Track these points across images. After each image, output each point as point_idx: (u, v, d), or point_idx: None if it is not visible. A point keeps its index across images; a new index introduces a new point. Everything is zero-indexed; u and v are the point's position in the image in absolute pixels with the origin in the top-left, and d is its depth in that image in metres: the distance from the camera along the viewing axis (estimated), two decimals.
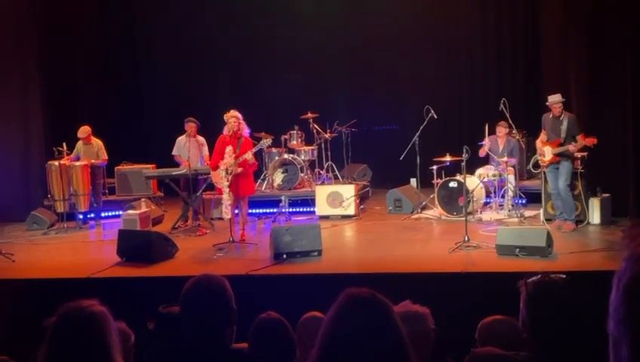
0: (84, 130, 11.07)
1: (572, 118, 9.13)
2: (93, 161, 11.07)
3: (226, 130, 9.02)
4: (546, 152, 9.21)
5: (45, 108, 12.22)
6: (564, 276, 2.62)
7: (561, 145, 9.02)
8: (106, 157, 11.33)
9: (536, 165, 9.61)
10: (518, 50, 13.43)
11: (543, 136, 9.36)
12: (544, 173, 9.44)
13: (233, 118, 8.94)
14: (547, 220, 9.44)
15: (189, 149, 10.55)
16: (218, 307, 2.85)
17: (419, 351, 2.80)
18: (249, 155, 8.84)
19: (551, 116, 9.23)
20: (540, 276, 2.58)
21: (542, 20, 12.37)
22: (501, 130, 10.80)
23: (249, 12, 14.06)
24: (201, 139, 10.89)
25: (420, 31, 13.84)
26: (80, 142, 11.11)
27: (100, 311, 2.43)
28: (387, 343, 2.06)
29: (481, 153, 10.88)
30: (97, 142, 11.27)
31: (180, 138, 10.93)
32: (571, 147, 8.95)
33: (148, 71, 14.67)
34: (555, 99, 9.12)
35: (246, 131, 9.15)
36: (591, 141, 8.84)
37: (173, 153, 10.95)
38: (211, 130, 10.35)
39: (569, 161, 9.14)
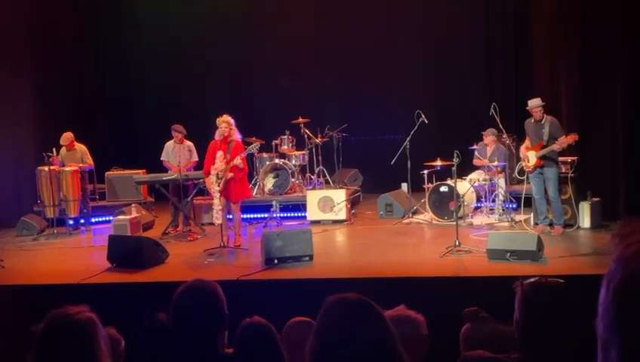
0: (66, 137, 11.03)
1: (554, 120, 9.17)
2: (80, 165, 11.04)
3: (217, 135, 9.01)
4: (530, 157, 9.25)
5: (36, 113, 12.18)
6: (561, 281, 2.63)
7: (544, 147, 9.05)
8: (91, 162, 11.29)
9: (522, 172, 9.66)
10: (508, 55, 13.47)
11: (527, 143, 9.41)
12: (530, 177, 9.47)
13: (224, 123, 8.93)
14: (537, 224, 9.46)
15: (178, 155, 10.51)
16: (210, 312, 2.85)
17: (410, 356, 2.80)
18: (237, 161, 8.82)
19: (533, 121, 9.27)
20: (537, 278, 2.59)
21: (532, 25, 12.42)
22: (487, 137, 10.81)
23: (240, 17, 14.05)
24: (189, 144, 10.86)
25: (411, 35, 13.86)
26: (63, 149, 11.07)
27: (88, 317, 2.41)
28: (378, 346, 2.06)
29: (476, 162, 10.91)
30: (81, 148, 11.23)
31: (168, 143, 10.90)
32: (555, 146, 8.98)
33: (138, 75, 14.61)
34: (535, 103, 9.16)
35: (237, 136, 9.13)
36: (572, 138, 8.88)
37: (161, 158, 10.92)
38: (202, 135, 10.33)
39: (554, 166, 9.17)
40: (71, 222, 10.92)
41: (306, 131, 12.40)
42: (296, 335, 3.49)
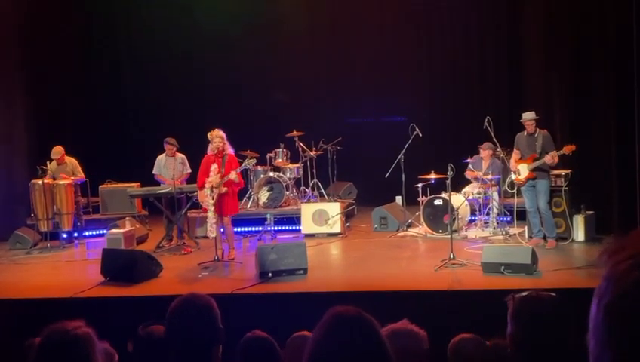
0: (57, 151, 11.00)
1: (546, 134, 9.21)
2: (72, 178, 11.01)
3: (210, 150, 9.03)
4: (521, 170, 9.26)
5: (30, 126, 12.16)
6: (553, 294, 2.63)
7: (537, 160, 9.08)
8: (83, 175, 11.25)
9: (512, 185, 9.68)
10: (502, 68, 13.53)
11: (515, 156, 9.43)
12: (522, 190, 9.48)
13: (218, 138, 8.95)
14: (531, 237, 9.47)
15: (171, 167, 10.47)
16: (205, 326, 2.83)
17: None
18: (233, 175, 8.81)
19: (525, 134, 9.30)
20: (529, 292, 2.60)
21: (525, 38, 12.49)
22: (484, 151, 10.84)
23: (234, 29, 14.08)
24: (181, 156, 10.83)
25: (405, 49, 13.93)
26: (54, 163, 11.03)
27: (85, 333, 2.40)
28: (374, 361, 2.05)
29: (468, 174, 10.93)
30: (72, 161, 11.20)
31: (159, 157, 10.87)
32: (548, 158, 9.00)
33: (133, 89, 14.63)
34: (528, 116, 9.20)
35: (231, 150, 9.15)
36: (569, 148, 8.91)
37: (153, 172, 10.89)
38: (196, 148, 10.30)
39: (546, 178, 9.19)
40: (64, 235, 10.88)
41: (301, 144, 12.41)
42: (298, 350, 3.47)
